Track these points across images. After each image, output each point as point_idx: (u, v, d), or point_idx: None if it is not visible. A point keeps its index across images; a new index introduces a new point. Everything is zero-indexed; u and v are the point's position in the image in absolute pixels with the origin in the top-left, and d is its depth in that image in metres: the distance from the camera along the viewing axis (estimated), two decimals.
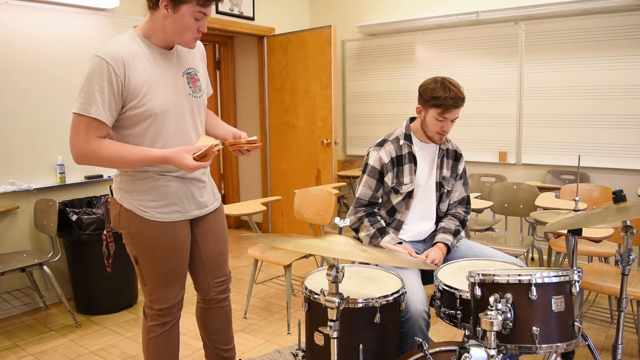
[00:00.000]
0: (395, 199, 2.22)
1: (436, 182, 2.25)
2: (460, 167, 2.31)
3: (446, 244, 2.17)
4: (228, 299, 2.09)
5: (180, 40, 1.67)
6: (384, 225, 2.20)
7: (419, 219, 2.27)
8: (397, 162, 2.21)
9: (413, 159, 2.21)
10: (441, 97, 2.08)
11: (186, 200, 1.81)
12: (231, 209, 3.36)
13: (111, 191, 1.84)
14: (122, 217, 1.77)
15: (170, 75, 1.70)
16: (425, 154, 2.25)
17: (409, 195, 2.22)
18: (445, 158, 2.27)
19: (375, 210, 2.23)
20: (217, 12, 4.52)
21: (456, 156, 2.30)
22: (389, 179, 2.20)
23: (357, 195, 2.25)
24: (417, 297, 1.86)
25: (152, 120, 1.67)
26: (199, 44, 1.84)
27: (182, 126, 1.75)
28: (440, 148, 2.25)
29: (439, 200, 2.28)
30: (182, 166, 1.63)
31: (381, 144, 2.24)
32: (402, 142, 2.22)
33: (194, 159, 1.63)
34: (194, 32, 1.64)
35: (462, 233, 2.29)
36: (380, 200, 2.23)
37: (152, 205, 1.74)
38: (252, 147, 1.79)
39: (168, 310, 1.85)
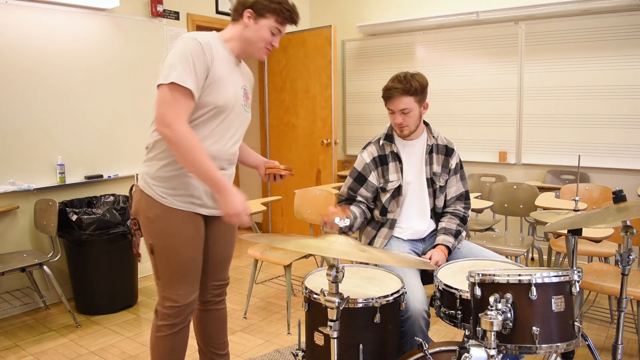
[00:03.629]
0: (384, 197, 2.24)
1: (427, 178, 2.26)
2: (453, 162, 2.30)
3: (447, 246, 2.17)
4: (224, 303, 2.12)
5: (254, 49, 1.82)
6: (350, 208, 2.22)
7: (414, 217, 2.27)
8: (381, 161, 2.25)
9: (397, 157, 2.23)
10: (383, 89, 2.19)
11: (206, 197, 1.84)
12: None
13: (137, 179, 1.88)
14: (143, 203, 1.80)
15: (235, 81, 1.82)
16: (411, 151, 2.26)
17: (398, 192, 2.23)
18: (434, 153, 2.27)
19: (354, 202, 2.27)
20: (217, 12, 4.52)
21: (447, 151, 2.30)
22: (374, 178, 2.24)
23: (339, 193, 2.34)
24: (417, 296, 1.86)
25: (208, 111, 1.74)
26: (252, 75, 2.02)
27: (228, 129, 1.82)
28: (427, 144, 2.26)
29: (434, 196, 2.28)
30: (228, 203, 1.66)
31: (365, 147, 2.31)
32: (382, 142, 2.27)
33: (268, 173, 1.93)
34: (267, 44, 1.81)
35: (464, 233, 2.28)
36: (358, 198, 2.26)
37: (172, 193, 1.77)
38: (287, 173, 1.99)
39: (178, 310, 1.84)
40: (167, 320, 1.84)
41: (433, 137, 2.28)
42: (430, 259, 2.10)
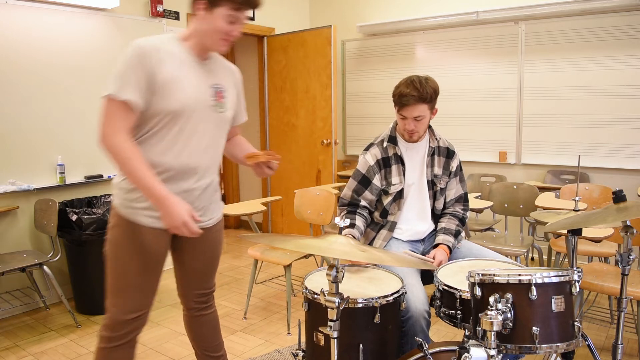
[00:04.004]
0: (386, 200, 2.22)
1: (428, 181, 2.25)
2: (454, 165, 2.29)
3: (448, 246, 2.17)
4: (211, 308, 2.05)
5: (211, 41, 1.69)
6: (355, 223, 2.18)
7: (414, 219, 2.26)
8: (384, 163, 2.22)
9: (400, 160, 2.21)
10: (396, 95, 2.11)
11: None
12: (231, 209, 3.36)
13: None
14: (110, 212, 1.79)
15: (195, 82, 1.71)
16: (413, 153, 2.24)
17: (400, 195, 2.22)
18: (435, 156, 2.26)
19: (358, 210, 2.23)
20: None
21: (448, 153, 2.28)
22: (377, 180, 2.21)
23: (340, 195, 2.29)
24: (418, 296, 1.86)
25: (162, 118, 1.67)
26: (238, 72, 1.92)
27: (192, 135, 1.72)
28: (429, 146, 2.24)
29: (434, 198, 2.27)
30: (169, 215, 1.60)
31: (368, 148, 2.27)
32: (385, 144, 2.23)
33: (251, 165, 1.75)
34: (225, 35, 1.68)
35: (463, 234, 2.28)
36: (361, 202, 2.23)
37: (130, 204, 1.71)
38: (270, 158, 1.83)
39: (112, 324, 1.73)
40: (103, 331, 1.74)
41: (435, 139, 2.27)
42: (434, 258, 2.10)
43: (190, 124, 1.70)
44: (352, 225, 2.14)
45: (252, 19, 4.87)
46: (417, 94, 2.05)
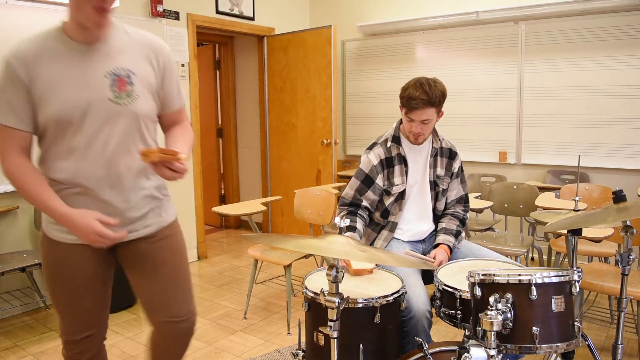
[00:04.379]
0: (387, 200, 2.22)
1: (430, 181, 2.25)
2: (456, 166, 2.29)
3: (449, 246, 2.17)
4: (190, 331, 1.71)
5: (83, 16, 1.42)
6: (356, 226, 2.16)
7: (416, 219, 2.26)
8: (387, 163, 2.21)
9: (403, 160, 2.21)
10: (404, 97, 2.09)
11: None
12: (231, 209, 3.36)
13: None
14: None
15: (81, 75, 1.46)
16: (417, 154, 2.24)
17: (401, 196, 2.21)
18: (438, 157, 2.26)
19: (359, 211, 2.21)
20: (217, 12, 4.52)
21: (451, 154, 2.28)
22: (380, 180, 2.20)
23: (341, 195, 2.28)
24: (420, 296, 1.86)
25: (51, 127, 1.46)
26: (163, 46, 1.62)
27: (99, 135, 1.48)
28: (432, 147, 2.24)
29: (435, 199, 2.27)
30: (76, 231, 1.45)
31: (371, 147, 2.25)
32: (389, 144, 2.22)
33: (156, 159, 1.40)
34: (92, 3, 1.40)
35: (463, 234, 2.28)
36: (363, 202, 2.21)
37: (50, 220, 1.56)
38: (166, 158, 1.41)
39: (65, 344, 1.67)
40: (63, 349, 1.68)
41: (438, 140, 2.26)
42: (434, 258, 2.10)
43: (86, 127, 1.46)
44: (352, 228, 2.13)
45: (252, 18, 4.87)
46: (426, 97, 2.03)
